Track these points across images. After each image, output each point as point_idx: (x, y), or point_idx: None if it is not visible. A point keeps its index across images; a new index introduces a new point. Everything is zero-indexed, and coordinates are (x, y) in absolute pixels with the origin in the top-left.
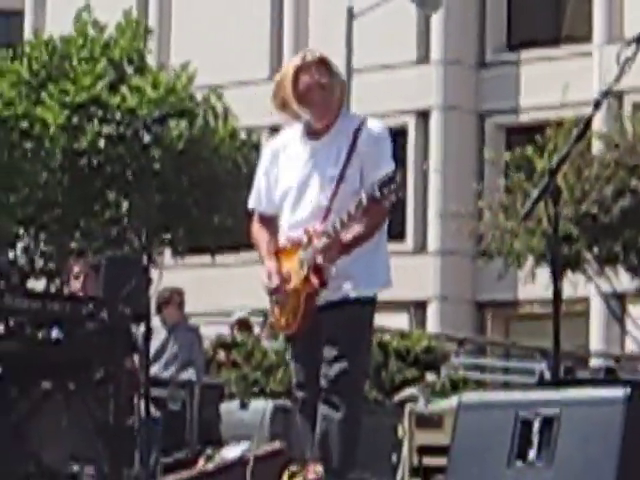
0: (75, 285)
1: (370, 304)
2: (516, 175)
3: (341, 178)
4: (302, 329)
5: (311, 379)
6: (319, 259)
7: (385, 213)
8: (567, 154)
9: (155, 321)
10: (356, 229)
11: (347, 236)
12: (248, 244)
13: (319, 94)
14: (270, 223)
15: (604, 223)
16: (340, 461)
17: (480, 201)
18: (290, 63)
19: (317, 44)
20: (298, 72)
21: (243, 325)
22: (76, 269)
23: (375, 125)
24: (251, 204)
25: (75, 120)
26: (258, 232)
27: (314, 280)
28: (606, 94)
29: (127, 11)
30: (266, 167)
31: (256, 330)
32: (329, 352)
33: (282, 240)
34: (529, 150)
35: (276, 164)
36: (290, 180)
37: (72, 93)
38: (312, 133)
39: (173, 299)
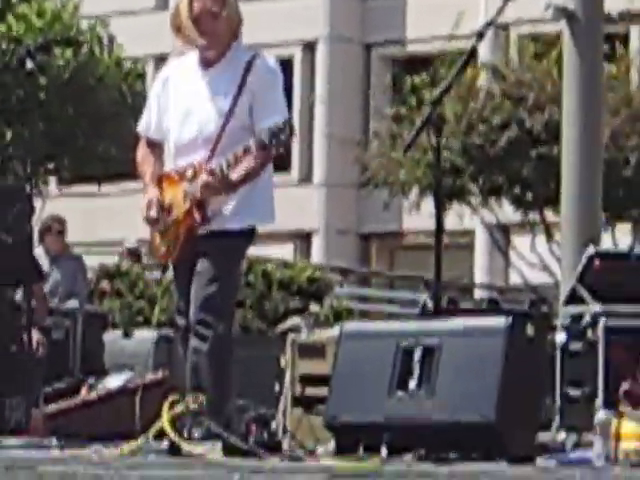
0: None
1: (245, 236)
2: (407, 102)
3: (230, 112)
4: (180, 258)
5: (190, 306)
6: (201, 195)
7: (271, 156)
8: (450, 85)
9: (39, 250)
10: (241, 170)
11: (233, 175)
12: (133, 174)
13: (210, 23)
14: (157, 149)
15: (490, 155)
16: (213, 394)
17: (368, 131)
18: None
19: None
20: (191, 1)
21: (133, 254)
22: None
23: (267, 61)
24: (140, 128)
25: None
26: (144, 157)
27: (196, 216)
28: (488, 25)
29: None
30: (157, 93)
31: (144, 260)
32: (199, 279)
33: (168, 167)
34: (417, 80)
35: (167, 91)
36: (179, 107)
37: None
38: (205, 62)
39: (53, 227)
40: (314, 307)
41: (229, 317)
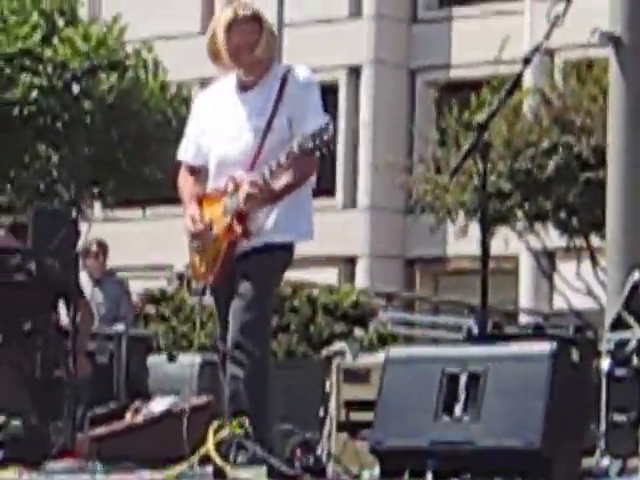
0: None
1: (283, 252)
2: (451, 128)
3: (268, 128)
4: (221, 278)
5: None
6: (244, 207)
7: (315, 164)
8: (497, 110)
9: (83, 275)
10: (285, 179)
11: (275, 185)
12: (178, 198)
13: (249, 53)
14: (197, 174)
15: (538, 179)
16: (255, 419)
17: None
18: (222, 16)
19: None
20: (230, 28)
21: (181, 279)
22: None
23: (302, 72)
24: (180, 155)
25: (7, 71)
26: (184, 182)
27: (237, 229)
28: (535, 51)
29: None
30: (196, 118)
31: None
32: (239, 301)
33: (209, 187)
34: (470, 105)
35: (206, 116)
36: (218, 131)
37: (5, 44)
38: (243, 85)
39: (91, 250)
40: (359, 332)
41: (266, 341)
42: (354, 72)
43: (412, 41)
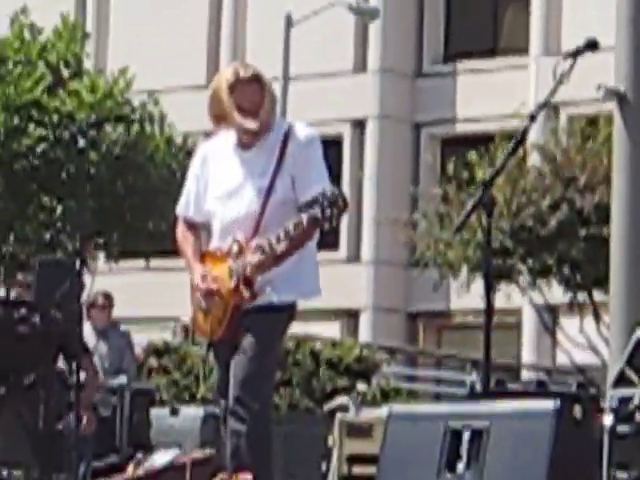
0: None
1: (286, 311)
2: (451, 185)
3: (270, 189)
4: (225, 337)
5: (229, 384)
6: (252, 274)
7: (318, 229)
8: (502, 167)
9: (86, 326)
10: (289, 241)
11: (280, 248)
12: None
13: (252, 115)
14: (197, 229)
15: (540, 235)
16: (255, 474)
17: (415, 211)
18: (223, 77)
19: (254, 51)
20: (232, 90)
21: (187, 331)
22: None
23: (302, 130)
24: (179, 209)
25: (15, 122)
26: (184, 238)
27: (245, 293)
28: (542, 107)
29: (65, 15)
30: (196, 173)
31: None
32: (241, 356)
33: (212, 246)
34: (472, 157)
35: (206, 171)
36: (220, 189)
37: (12, 96)
38: (243, 144)
39: (97, 301)
40: (361, 386)
41: (267, 396)
42: (359, 126)
43: (417, 95)
